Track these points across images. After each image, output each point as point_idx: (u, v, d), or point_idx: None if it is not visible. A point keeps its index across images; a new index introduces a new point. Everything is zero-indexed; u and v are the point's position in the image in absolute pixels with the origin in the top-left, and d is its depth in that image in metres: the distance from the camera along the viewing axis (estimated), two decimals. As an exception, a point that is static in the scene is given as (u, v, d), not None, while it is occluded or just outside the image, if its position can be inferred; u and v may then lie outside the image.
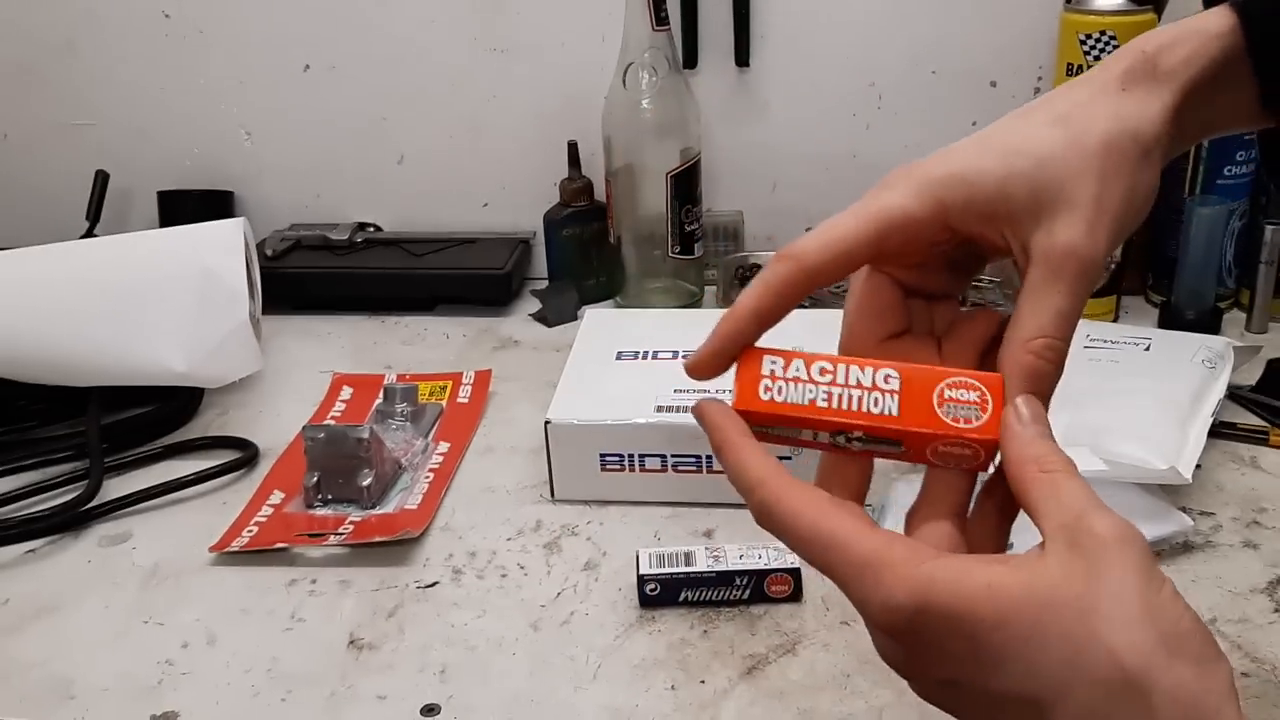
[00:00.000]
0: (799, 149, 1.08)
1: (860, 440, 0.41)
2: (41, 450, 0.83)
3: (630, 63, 0.97)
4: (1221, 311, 0.95)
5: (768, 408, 0.41)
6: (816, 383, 0.41)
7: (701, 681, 0.60)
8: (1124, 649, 0.33)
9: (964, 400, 0.40)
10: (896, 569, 0.36)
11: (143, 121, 1.14)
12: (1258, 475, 0.76)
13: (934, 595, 0.36)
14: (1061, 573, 0.35)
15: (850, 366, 0.41)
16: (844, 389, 0.41)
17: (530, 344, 1.01)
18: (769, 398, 0.41)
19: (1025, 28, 1.01)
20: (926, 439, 0.40)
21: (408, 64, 1.09)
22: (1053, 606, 0.34)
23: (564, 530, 0.74)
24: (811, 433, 0.42)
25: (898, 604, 0.36)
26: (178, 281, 0.85)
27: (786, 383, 0.42)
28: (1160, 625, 0.34)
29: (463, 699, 0.60)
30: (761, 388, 0.42)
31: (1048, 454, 0.39)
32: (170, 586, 0.70)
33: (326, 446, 0.75)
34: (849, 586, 0.38)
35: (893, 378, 0.41)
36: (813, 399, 0.41)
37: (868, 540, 0.37)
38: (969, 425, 0.40)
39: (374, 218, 1.14)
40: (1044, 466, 0.38)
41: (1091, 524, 0.36)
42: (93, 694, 0.61)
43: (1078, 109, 0.42)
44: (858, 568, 0.37)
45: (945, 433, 0.40)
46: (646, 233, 1.02)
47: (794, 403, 0.41)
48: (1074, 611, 0.34)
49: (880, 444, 0.41)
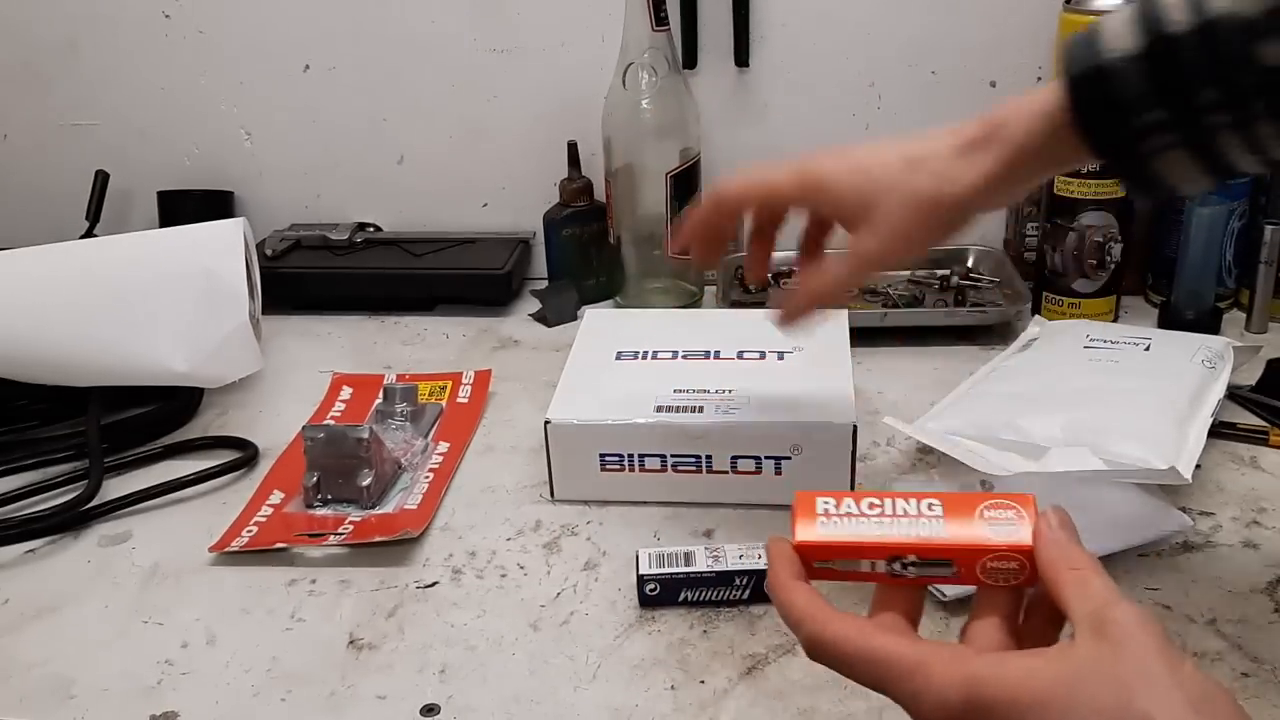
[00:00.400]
0: (799, 149, 1.07)
1: (915, 565, 0.45)
2: (41, 450, 0.83)
3: (630, 63, 0.97)
4: (1221, 311, 0.95)
5: (826, 540, 0.45)
6: (867, 515, 0.45)
7: (701, 681, 0.60)
8: (1158, 712, 0.36)
9: (1002, 518, 0.44)
10: (946, 667, 0.40)
11: (143, 121, 1.15)
12: (1258, 475, 0.76)
13: (981, 687, 0.39)
14: (1091, 655, 0.39)
15: (896, 499, 0.45)
16: (893, 518, 0.45)
17: (530, 344, 1.01)
18: (826, 532, 0.45)
19: (1025, 28, 1.01)
20: (975, 554, 0.44)
21: (408, 64, 1.09)
22: (1087, 683, 0.38)
23: (564, 530, 0.74)
24: (869, 563, 0.45)
25: (950, 699, 0.40)
26: (178, 282, 0.85)
27: (840, 518, 0.45)
28: (1189, 691, 0.37)
29: (463, 699, 0.60)
30: (819, 524, 0.45)
31: (1076, 555, 0.42)
32: (170, 586, 0.70)
33: (326, 446, 0.75)
34: (902, 692, 0.41)
35: (935, 505, 0.45)
36: (866, 529, 0.45)
37: (914, 648, 0.42)
38: (1010, 538, 0.44)
39: (374, 218, 1.15)
40: (1073, 565, 0.42)
41: (1115, 613, 0.39)
42: (93, 694, 0.61)
43: (918, 158, 0.58)
44: (909, 672, 0.41)
45: (991, 545, 0.44)
46: (646, 233, 1.02)
47: (850, 534, 0.45)
48: (1108, 686, 0.37)
49: (933, 566, 0.45)
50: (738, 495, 0.74)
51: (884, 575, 0.45)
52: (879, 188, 0.58)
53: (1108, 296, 0.96)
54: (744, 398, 0.75)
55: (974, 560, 0.44)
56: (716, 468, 0.74)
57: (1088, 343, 0.83)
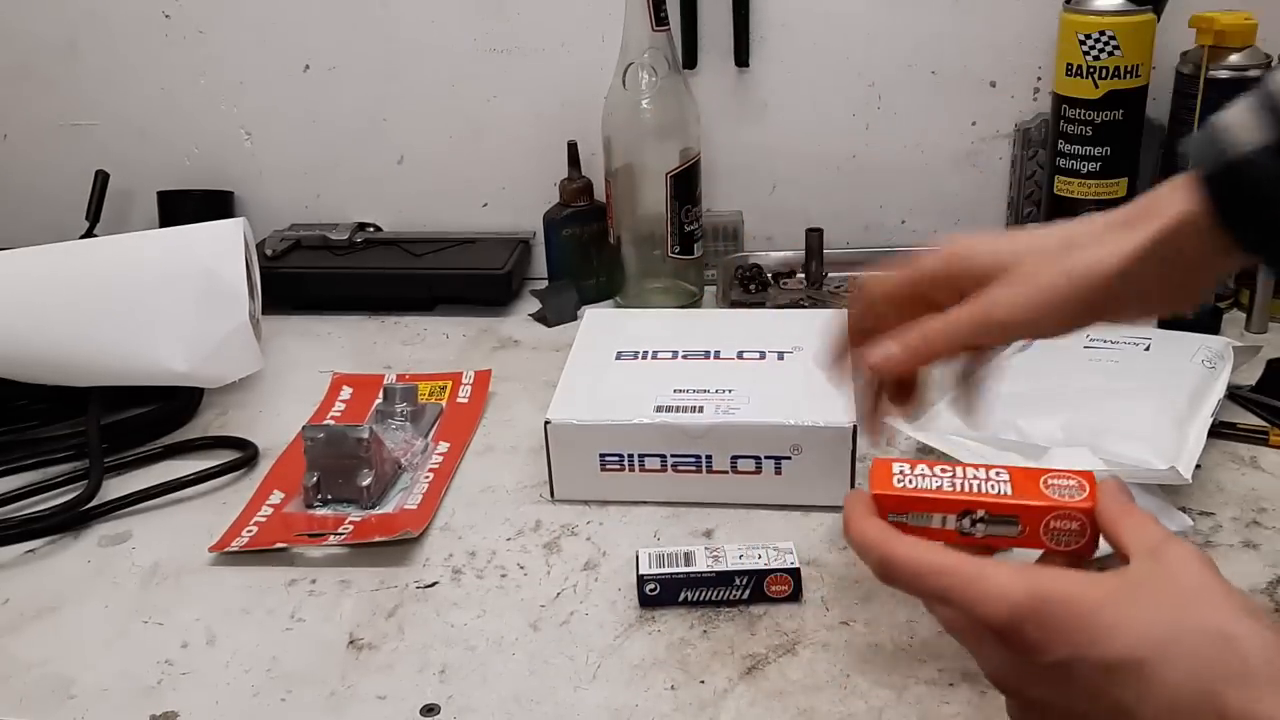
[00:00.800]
0: (799, 149, 1.08)
1: (984, 521, 0.49)
2: (41, 450, 0.83)
3: (630, 63, 0.97)
4: (1221, 311, 0.95)
5: (901, 492, 0.50)
6: (940, 475, 0.50)
7: (701, 681, 0.60)
8: (1214, 612, 0.41)
9: (1064, 485, 0.49)
10: (1011, 573, 0.44)
11: (143, 121, 1.15)
12: (1258, 475, 0.76)
13: (1046, 586, 0.43)
14: (1150, 572, 0.43)
15: (965, 467, 0.51)
16: (964, 479, 0.50)
17: (530, 344, 1.01)
18: (901, 485, 0.50)
19: (1025, 28, 1.01)
20: (1041, 512, 0.49)
21: (408, 64, 1.09)
22: (1145, 590, 0.42)
23: (564, 530, 0.74)
24: (941, 517, 0.50)
25: (1017, 597, 0.43)
26: (178, 282, 0.85)
27: (915, 476, 0.50)
28: (1240, 600, 0.42)
29: (463, 699, 0.60)
30: (894, 479, 0.50)
31: (1133, 507, 0.48)
32: (170, 586, 0.70)
33: (326, 446, 0.75)
34: (967, 598, 0.44)
35: (1002, 472, 0.50)
36: (939, 485, 0.50)
37: (975, 561, 0.45)
38: (1073, 500, 0.49)
39: (374, 218, 1.15)
40: (1130, 513, 0.47)
41: (1171, 545, 0.44)
42: (93, 694, 0.61)
43: (1078, 234, 0.54)
44: (973, 579, 0.44)
45: (1055, 504, 0.49)
46: (646, 233, 1.02)
47: (924, 488, 0.50)
48: (1166, 595, 0.42)
49: (1000, 524, 0.49)
50: (738, 495, 0.74)
51: (953, 533, 0.49)
52: (1027, 252, 0.54)
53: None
54: (744, 398, 0.75)
55: (1039, 519, 0.48)
56: (716, 468, 0.74)
57: (1088, 342, 0.83)
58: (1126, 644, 0.41)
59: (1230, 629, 0.40)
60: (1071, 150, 0.96)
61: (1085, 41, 0.91)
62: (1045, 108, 1.02)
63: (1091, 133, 0.94)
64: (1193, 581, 0.42)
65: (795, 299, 1.03)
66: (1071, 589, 0.43)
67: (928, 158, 1.07)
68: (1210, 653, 0.40)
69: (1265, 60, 0.91)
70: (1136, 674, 0.40)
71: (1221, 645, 0.40)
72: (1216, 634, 0.40)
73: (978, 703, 0.57)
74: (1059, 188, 0.96)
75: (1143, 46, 0.92)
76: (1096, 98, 0.93)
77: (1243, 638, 0.40)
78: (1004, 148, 1.06)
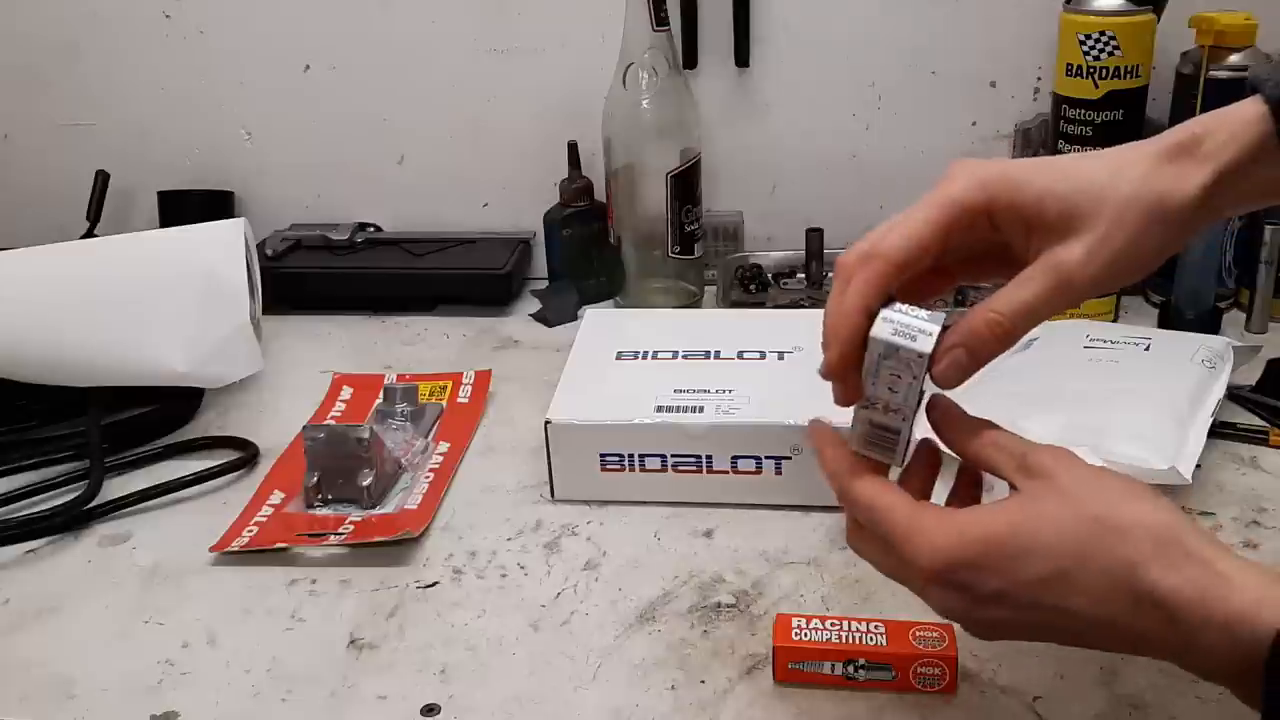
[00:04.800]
0: (799, 149, 1.08)
1: (864, 668, 0.58)
2: (42, 450, 0.83)
3: (630, 63, 0.97)
4: (1221, 311, 0.95)
5: (798, 644, 0.59)
6: (829, 629, 0.59)
7: (701, 681, 0.60)
8: (1103, 508, 0.46)
9: (929, 636, 0.58)
10: (934, 525, 0.49)
11: (143, 121, 1.15)
12: (1258, 475, 0.76)
13: (966, 533, 0.48)
14: (1032, 491, 0.48)
15: (851, 621, 0.59)
16: (849, 632, 0.59)
17: (530, 344, 1.01)
18: (798, 638, 0.59)
19: (1025, 28, 1.01)
20: (909, 659, 0.57)
21: (408, 64, 1.09)
22: (1041, 504, 0.48)
23: (564, 530, 0.74)
24: (830, 664, 0.58)
25: (946, 551, 0.48)
26: (178, 282, 0.85)
27: (809, 630, 0.59)
28: (1117, 484, 0.48)
29: (463, 699, 0.60)
30: (793, 634, 0.59)
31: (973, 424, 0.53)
32: (170, 586, 0.70)
33: (326, 446, 0.75)
34: (905, 553, 0.49)
35: (880, 626, 0.59)
36: (828, 638, 0.59)
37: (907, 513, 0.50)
38: (935, 649, 0.57)
39: (374, 218, 1.14)
40: (983, 439, 0.52)
41: (1034, 456, 0.49)
42: (93, 694, 0.61)
43: (1125, 163, 0.50)
44: (908, 535, 0.49)
45: (920, 653, 0.57)
46: (646, 233, 1.02)
47: (816, 640, 0.59)
48: (1056, 507, 0.47)
49: (877, 670, 0.58)
50: (738, 495, 0.74)
51: (841, 678, 0.58)
52: (1088, 193, 0.49)
53: (1108, 296, 0.96)
54: (744, 398, 0.75)
55: (908, 665, 0.57)
56: (716, 468, 0.74)
57: (1088, 343, 0.83)
58: (1045, 562, 0.46)
59: (1118, 521, 0.46)
60: (1072, 150, 0.96)
61: (1085, 41, 0.91)
62: (1045, 108, 1.02)
63: (1091, 133, 0.94)
64: (1071, 485, 0.47)
65: (795, 299, 1.03)
66: (986, 529, 0.48)
67: (928, 158, 1.07)
68: (1109, 546, 0.45)
69: (1265, 60, 0.91)
70: (1061, 582, 0.46)
71: (1116, 538, 0.45)
72: (1111, 529, 0.45)
73: (978, 702, 0.57)
74: (1059, 188, 0.96)
75: (1143, 47, 0.92)
76: (1096, 98, 0.93)
77: (1129, 527, 0.45)
78: (1004, 148, 1.06)
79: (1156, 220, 0.49)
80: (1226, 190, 0.50)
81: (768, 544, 0.71)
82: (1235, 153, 0.50)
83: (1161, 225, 0.49)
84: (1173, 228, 0.50)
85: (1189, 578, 0.44)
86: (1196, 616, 0.43)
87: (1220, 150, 0.50)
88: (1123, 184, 0.49)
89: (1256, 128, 0.50)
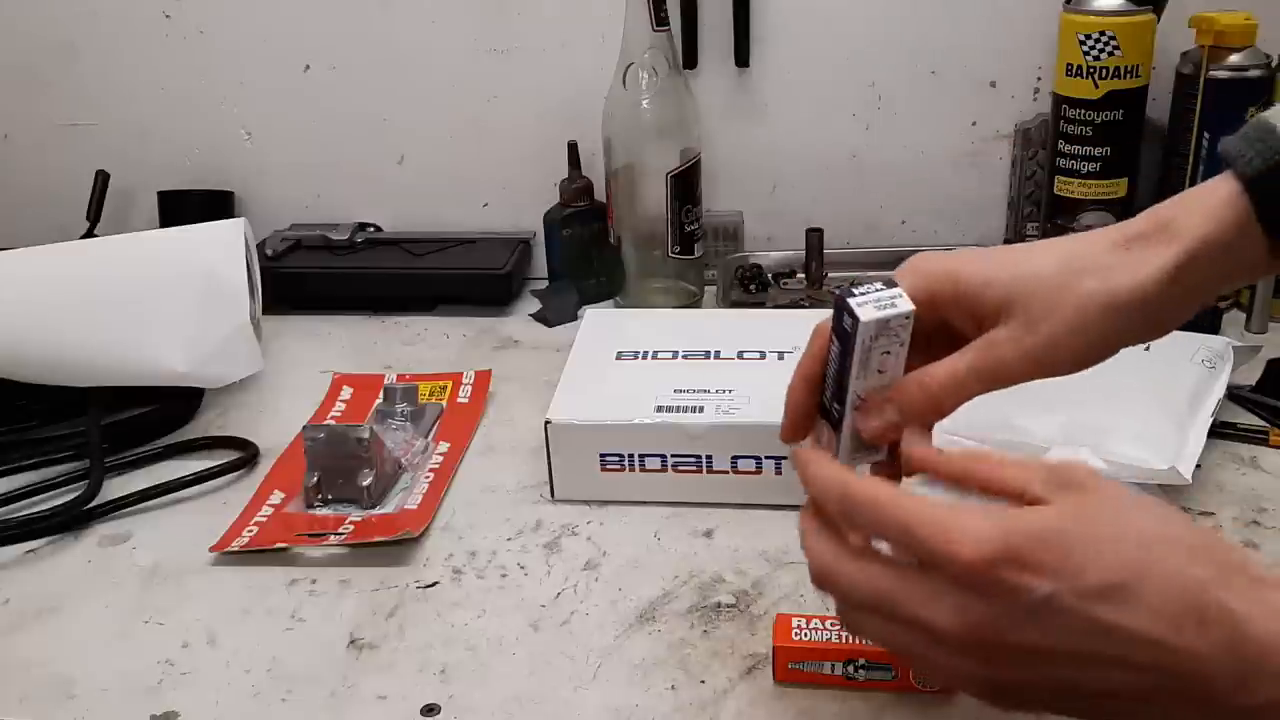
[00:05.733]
0: (799, 149, 1.08)
1: (864, 668, 0.58)
2: (42, 450, 0.83)
3: (630, 63, 0.97)
4: (1221, 311, 0.95)
5: (798, 644, 0.58)
6: (829, 630, 0.58)
7: (701, 681, 0.60)
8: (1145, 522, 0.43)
9: None
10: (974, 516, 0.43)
11: (143, 121, 1.14)
12: (1258, 475, 0.76)
13: (1013, 526, 0.42)
14: (1073, 500, 0.43)
15: None
16: None
17: (530, 344, 1.01)
18: (799, 638, 0.59)
19: (1025, 28, 1.01)
20: None
21: (408, 64, 1.09)
22: (1088, 512, 0.43)
23: (564, 530, 0.74)
24: (830, 664, 0.58)
25: (992, 542, 0.41)
26: (178, 282, 0.85)
27: (809, 630, 0.59)
28: (1152, 500, 0.45)
29: (463, 699, 0.60)
30: (793, 634, 0.59)
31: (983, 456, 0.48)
32: (170, 586, 0.70)
33: (326, 446, 0.75)
34: (932, 547, 0.43)
35: None
36: (828, 638, 0.58)
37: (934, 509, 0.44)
38: None
39: (374, 218, 1.15)
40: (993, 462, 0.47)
41: (1065, 470, 0.45)
42: (93, 694, 0.61)
43: (1074, 253, 0.50)
44: (943, 527, 0.43)
45: None
46: (646, 233, 1.02)
47: (816, 640, 0.58)
48: (1103, 515, 0.43)
49: (878, 670, 0.57)
50: (738, 495, 0.74)
51: (841, 678, 0.58)
52: (1026, 281, 0.50)
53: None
54: (744, 398, 0.75)
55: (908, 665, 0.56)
56: (716, 468, 0.74)
57: (1088, 343, 0.83)
58: (1108, 568, 0.41)
59: (1180, 537, 0.43)
60: (1071, 150, 0.96)
61: (1085, 41, 0.91)
62: (1045, 108, 1.02)
63: (1091, 133, 0.94)
64: (1113, 496, 0.44)
65: (795, 299, 1.03)
66: (1035, 526, 0.42)
67: (928, 158, 1.07)
68: (1177, 565, 0.41)
69: (1265, 60, 0.91)
70: (1121, 595, 0.41)
71: (1185, 557, 0.42)
72: (1176, 545, 0.42)
73: (977, 702, 0.57)
74: (1059, 188, 0.96)
75: (1143, 47, 0.92)
76: (1096, 98, 0.93)
77: (1196, 547, 0.42)
78: (1004, 148, 1.06)
79: (1102, 307, 0.49)
80: (1204, 270, 0.49)
81: (768, 544, 0.71)
82: (1208, 232, 0.48)
83: (1112, 312, 0.49)
84: (1129, 314, 0.49)
85: (1257, 599, 0.41)
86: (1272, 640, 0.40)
87: (1193, 230, 0.49)
88: (1064, 273, 0.49)
89: (1231, 207, 0.49)
